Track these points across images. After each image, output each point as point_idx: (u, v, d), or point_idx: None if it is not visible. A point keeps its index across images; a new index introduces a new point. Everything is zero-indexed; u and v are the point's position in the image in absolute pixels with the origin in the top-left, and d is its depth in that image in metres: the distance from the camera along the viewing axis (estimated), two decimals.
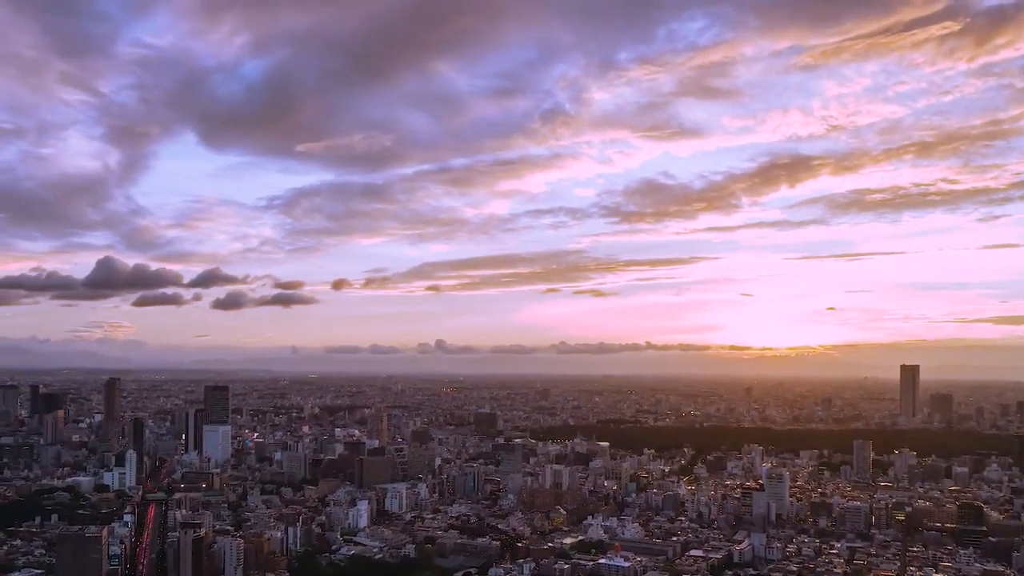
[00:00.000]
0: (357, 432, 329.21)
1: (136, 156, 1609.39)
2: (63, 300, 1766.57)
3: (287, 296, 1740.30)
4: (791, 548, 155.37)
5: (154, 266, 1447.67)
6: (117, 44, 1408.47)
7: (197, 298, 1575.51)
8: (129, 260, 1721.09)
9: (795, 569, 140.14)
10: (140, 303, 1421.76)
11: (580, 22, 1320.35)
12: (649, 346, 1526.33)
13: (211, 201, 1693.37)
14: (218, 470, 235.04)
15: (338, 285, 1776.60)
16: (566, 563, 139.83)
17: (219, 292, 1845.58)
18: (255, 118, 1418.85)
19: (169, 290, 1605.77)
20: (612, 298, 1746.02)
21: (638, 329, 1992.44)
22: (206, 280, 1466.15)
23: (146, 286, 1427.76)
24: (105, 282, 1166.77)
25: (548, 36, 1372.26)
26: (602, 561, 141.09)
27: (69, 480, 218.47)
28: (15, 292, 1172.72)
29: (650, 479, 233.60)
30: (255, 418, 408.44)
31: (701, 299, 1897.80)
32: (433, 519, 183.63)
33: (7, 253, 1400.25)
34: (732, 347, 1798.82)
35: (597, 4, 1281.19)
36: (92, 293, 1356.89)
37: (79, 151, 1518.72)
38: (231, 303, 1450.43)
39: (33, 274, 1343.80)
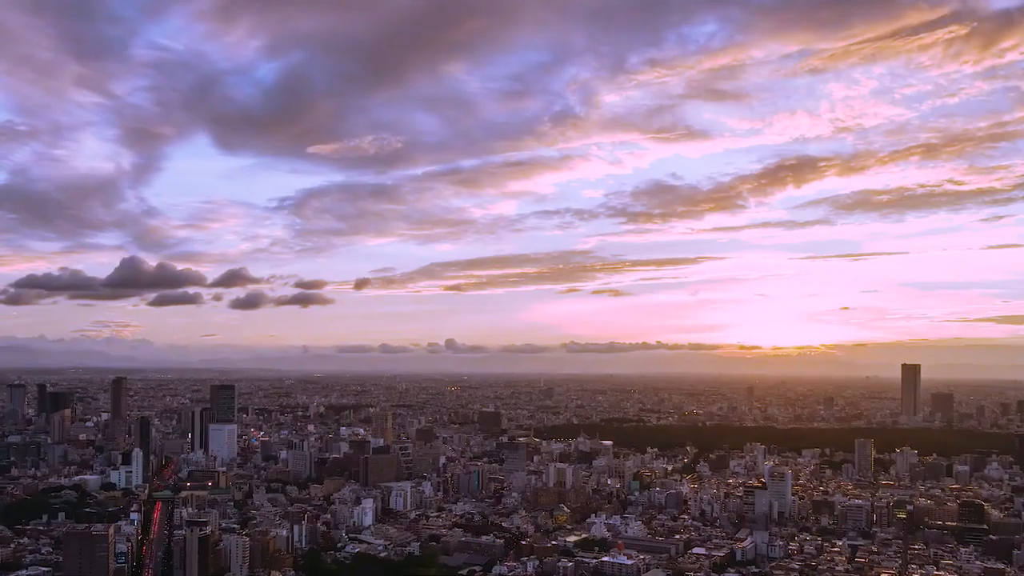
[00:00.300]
0: (362, 431, 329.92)
1: (149, 158, 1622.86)
2: (81, 300, 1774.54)
3: (306, 296, 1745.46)
4: (793, 546, 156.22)
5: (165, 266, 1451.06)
6: (132, 47, 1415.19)
7: (217, 298, 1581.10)
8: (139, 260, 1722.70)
9: (797, 567, 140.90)
10: (158, 303, 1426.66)
11: (591, 25, 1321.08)
12: (660, 345, 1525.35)
13: (222, 202, 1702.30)
14: (224, 468, 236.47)
15: (360, 285, 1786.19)
16: (569, 561, 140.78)
17: (239, 292, 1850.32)
18: (268, 120, 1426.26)
19: (191, 290, 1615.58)
20: (621, 298, 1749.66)
21: (648, 328, 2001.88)
22: (228, 280, 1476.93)
23: (169, 286, 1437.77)
24: (127, 281, 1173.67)
25: (559, 39, 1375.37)
26: (605, 559, 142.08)
27: (76, 479, 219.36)
28: (35, 292, 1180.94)
29: (653, 477, 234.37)
30: (261, 417, 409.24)
31: (708, 298, 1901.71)
32: (437, 517, 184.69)
33: (19, 253, 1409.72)
34: (740, 346, 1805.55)
35: (608, 7, 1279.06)
36: (112, 293, 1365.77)
37: (93, 152, 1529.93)
38: (249, 303, 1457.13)
39: (57, 273, 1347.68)
